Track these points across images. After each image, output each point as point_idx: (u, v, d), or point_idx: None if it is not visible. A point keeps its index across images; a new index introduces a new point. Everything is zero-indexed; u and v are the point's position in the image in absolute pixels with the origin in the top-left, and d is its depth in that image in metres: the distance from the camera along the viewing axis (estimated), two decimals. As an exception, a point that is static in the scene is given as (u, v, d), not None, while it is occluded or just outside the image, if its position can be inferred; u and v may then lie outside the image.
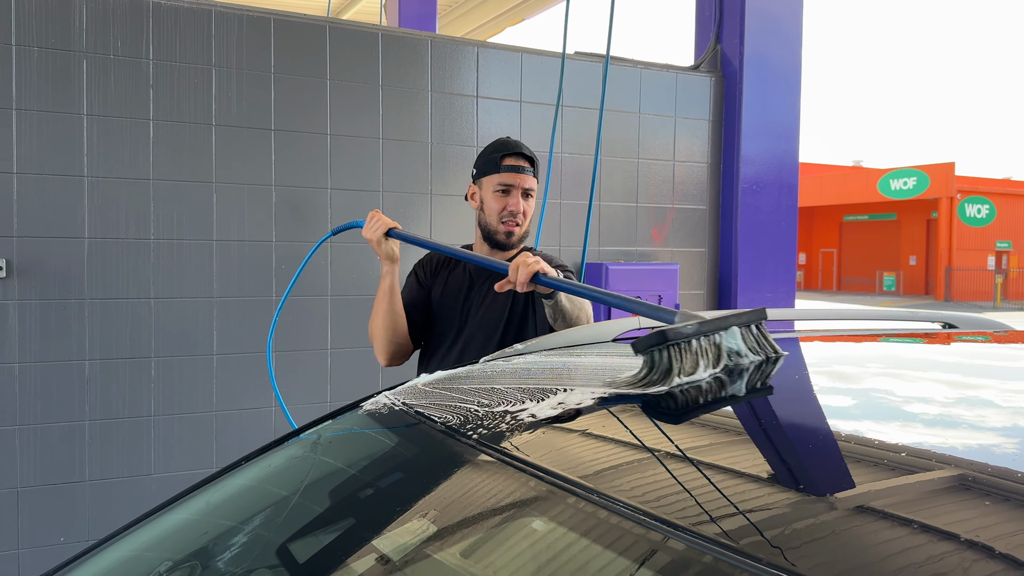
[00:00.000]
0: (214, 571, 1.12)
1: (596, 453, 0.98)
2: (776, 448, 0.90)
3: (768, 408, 0.98)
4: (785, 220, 3.80)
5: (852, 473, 0.82)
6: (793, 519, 0.73)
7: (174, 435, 2.82)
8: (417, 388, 1.40)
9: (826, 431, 0.91)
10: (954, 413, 0.91)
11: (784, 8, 3.76)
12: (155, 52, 2.75)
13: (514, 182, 2.13)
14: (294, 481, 1.24)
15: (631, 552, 0.78)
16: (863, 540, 0.69)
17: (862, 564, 0.65)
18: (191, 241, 2.82)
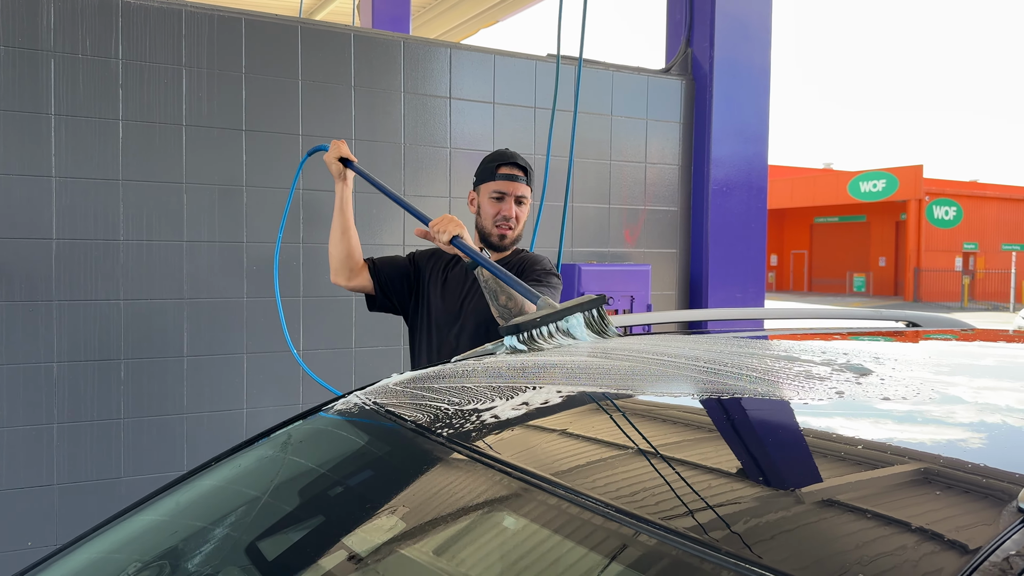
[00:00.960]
0: (183, 572, 1.12)
1: (563, 449, 1.00)
2: (741, 444, 0.92)
3: (735, 406, 1.00)
4: (755, 221, 3.85)
5: (813, 467, 0.84)
6: (755, 512, 0.75)
7: (144, 438, 2.80)
8: (388, 388, 1.41)
9: (792, 427, 0.93)
10: (916, 409, 0.94)
11: (753, 12, 3.81)
12: (124, 52, 2.73)
13: (507, 190, 2.32)
14: (263, 481, 1.24)
15: (598, 546, 0.79)
16: (827, 532, 0.71)
17: (827, 555, 0.68)
18: (161, 242, 2.80)
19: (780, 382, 1.04)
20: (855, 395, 0.97)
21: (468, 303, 2.32)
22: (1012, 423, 0.88)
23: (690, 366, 1.20)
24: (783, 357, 1.19)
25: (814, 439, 0.87)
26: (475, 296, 2.31)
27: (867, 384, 1.01)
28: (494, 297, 2.11)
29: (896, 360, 1.19)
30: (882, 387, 1.00)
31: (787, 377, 1.06)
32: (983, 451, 0.82)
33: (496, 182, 2.34)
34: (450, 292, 2.36)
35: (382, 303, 2.44)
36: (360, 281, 2.39)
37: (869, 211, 30.48)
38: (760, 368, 1.11)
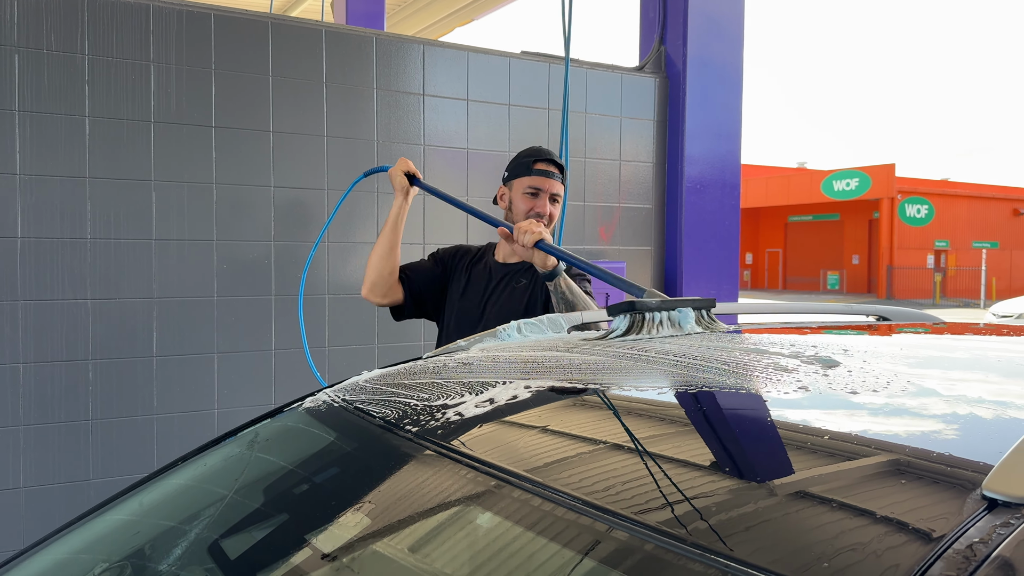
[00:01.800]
0: (148, 571, 1.10)
1: (531, 444, 0.99)
2: (706, 437, 0.91)
3: (702, 399, 1.00)
4: (728, 219, 3.87)
5: (778, 458, 0.84)
6: (720, 504, 0.75)
7: (113, 440, 2.75)
8: (358, 385, 1.39)
9: (757, 419, 0.93)
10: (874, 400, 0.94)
11: (725, 11, 3.83)
12: (91, 47, 2.68)
13: (543, 186, 2.30)
14: (229, 479, 1.22)
15: (563, 539, 0.78)
16: (791, 523, 0.71)
17: (791, 546, 0.67)
18: (129, 240, 2.76)
19: (748, 375, 1.04)
20: (821, 387, 0.97)
21: (490, 304, 2.31)
22: (977, 413, 0.89)
23: (660, 359, 1.20)
24: (752, 350, 1.19)
25: (779, 431, 0.87)
26: (497, 297, 2.30)
27: (834, 376, 1.01)
28: (569, 308, 2.08)
29: (865, 352, 1.19)
30: (849, 379, 1.00)
31: (755, 370, 1.05)
32: (948, 441, 0.82)
33: (532, 178, 2.30)
34: (472, 292, 2.35)
35: (410, 313, 2.42)
36: (392, 299, 2.37)
37: (842, 210, 30.81)
38: (729, 361, 1.11)
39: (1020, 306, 15.22)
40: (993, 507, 0.67)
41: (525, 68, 3.53)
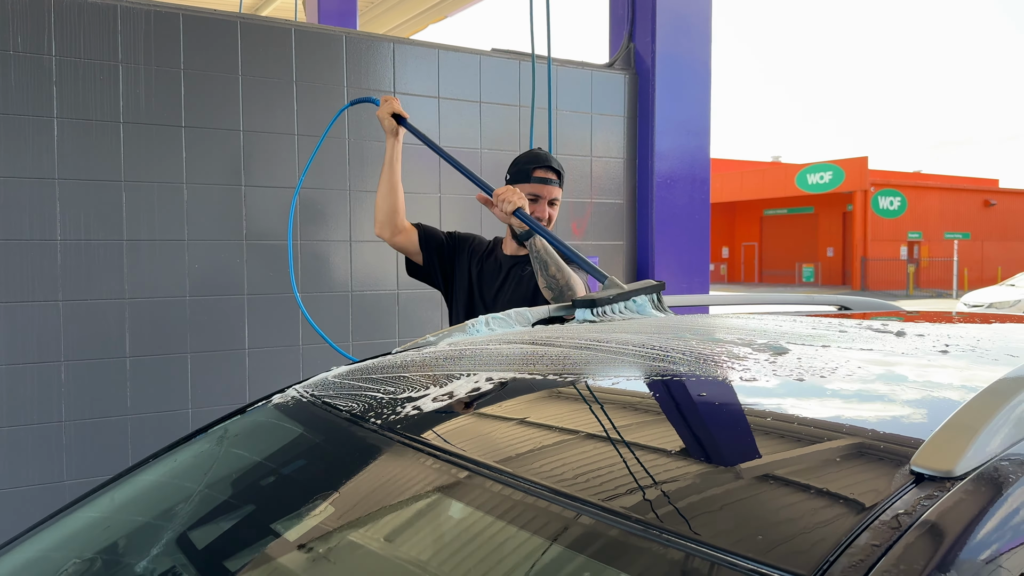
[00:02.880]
0: (121, 567, 1.12)
1: (490, 433, 1.02)
2: (659, 422, 0.95)
3: (656, 386, 1.03)
4: (698, 213, 3.92)
5: (720, 439, 0.87)
6: (664, 482, 0.78)
7: (87, 440, 2.75)
8: (327, 380, 1.42)
9: (707, 403, 0.97)
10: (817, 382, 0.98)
11: (694, 8, 3.87)
12: (58, 48, 2.67)
13: (542, 193, 2.47)
14: (200, 475, 1.24)
15: (524, 524, 0.82)
16: (727, 498, 0.74)
17: (726, 520, 0.71)
18: (100, 241, 2.75)
19: (702, 363, 1.07)
20: (769, 373, 1.01)
21: (501, 295, 2.46)
22: (914, 395, 0.93)
23: (618, 350, 1.23)
24: (708, 339, 1.23)
25: (725, 414, 0.91)
26: (508, 288, 2.46)
27: (782, 362, 1.05)
28: (544, 267, 2.26)
29: (815, 340, 1.23)
30: (797, 365, 1.04)
31: (708, 358, 1.09)
32: (885, 421, 0.86)
33: (532, 184, 2.47)
34: (485, 284, 2.51)
35: (425, 270, 2.60)
36: (403, 240, 2.56)
37: (817, 203, 31.11)
38: (684, 350, 1.14)
39: (990, 296, 15.48)
40: (920, 481, 0.71)
41: (496, 65, 3.56)
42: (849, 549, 0.63)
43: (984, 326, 1.47)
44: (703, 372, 1.03)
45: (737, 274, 34.67)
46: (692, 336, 1.28)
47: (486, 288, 2.51)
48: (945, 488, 0.69)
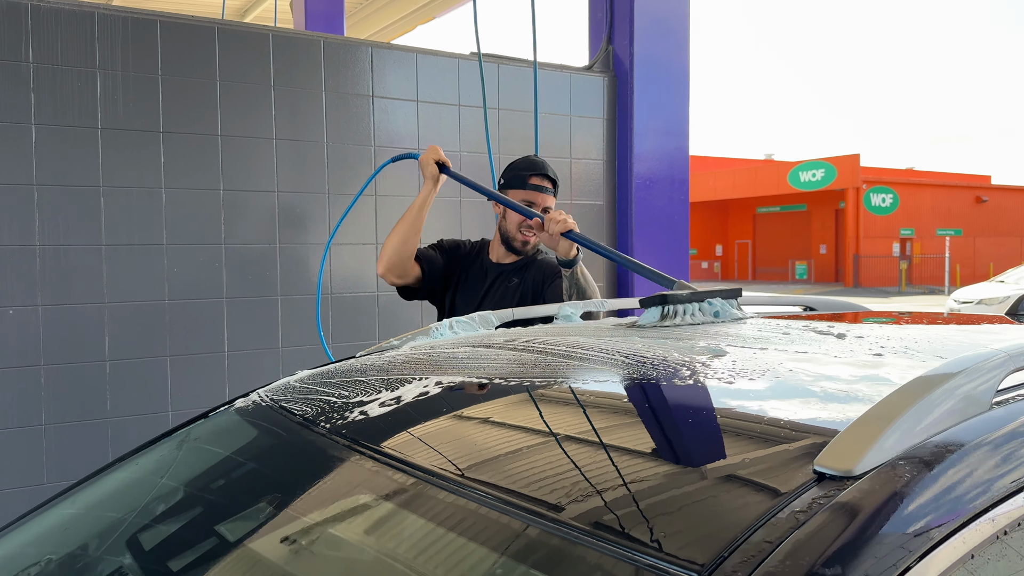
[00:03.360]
0: (76, 568, 1.15)
1: (434, 436, 1.05)
2: (593, 419, 0.98)
3: (593, 387, 1.07)
4: (677, 213, 3.96)
5: (638, 435, 0.91)
6: (591, 479, 0.82)
7: (67, 443, 2.78)
8: (289, 384, 1.45)
9: (638, 402, 1.00)
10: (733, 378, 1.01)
11: (672, 12, 3.91)
12: (35, 55, 2.70)
13: (536, 200, 2.48)
14: (157, 478, 1.27)
15: (452, 523, 0.85)
16: (637, 493, 0.77)
17: (631, 513, 0.74)
18: (79, 246, 2.78)
19: (640, 364, 1.11)
20: (701, 374, 1.04)
21: (486, 302, 2.48)
22: (832, 396, 0.96)
23: (568, 353, 1.26)
24: (650, 339, 1.26)
25: (644, 415, 0.94)
26: (493, 295, 2.48)
27: (717, 364, 1.08)
28: (580, 294, 2.27)
29: (758, 342, 1.27)
30: (731, 366, 1.07)
31: (647, 359, 1.12)
32: (799, 421, 0.89)
33: (527, 191, 2.47)
34: (470, 291, 2.53)
35: (421, 296, 2.60)
36: (407, 280, 2.53)
37: (809, 200, 31.19)
38: (625, 352, 1.18)
39: (979, 292, 15.53)
40: (821, 480, 0.74)
41: (474, 69, 3.59)
42: (743, 545, 0.67)
43: (931, 327, 1.50)
44: (635, 374, 1.06)
45: (731, 272, 34.75)
46: (640, 339, 1.31)
47: (470, 295, 2.53)
48: (843, 487, 0.73)
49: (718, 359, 1.12)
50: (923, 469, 0.75)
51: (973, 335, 1.37)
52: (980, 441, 0.82)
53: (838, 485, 0.73)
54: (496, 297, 2.47)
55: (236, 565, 0.94)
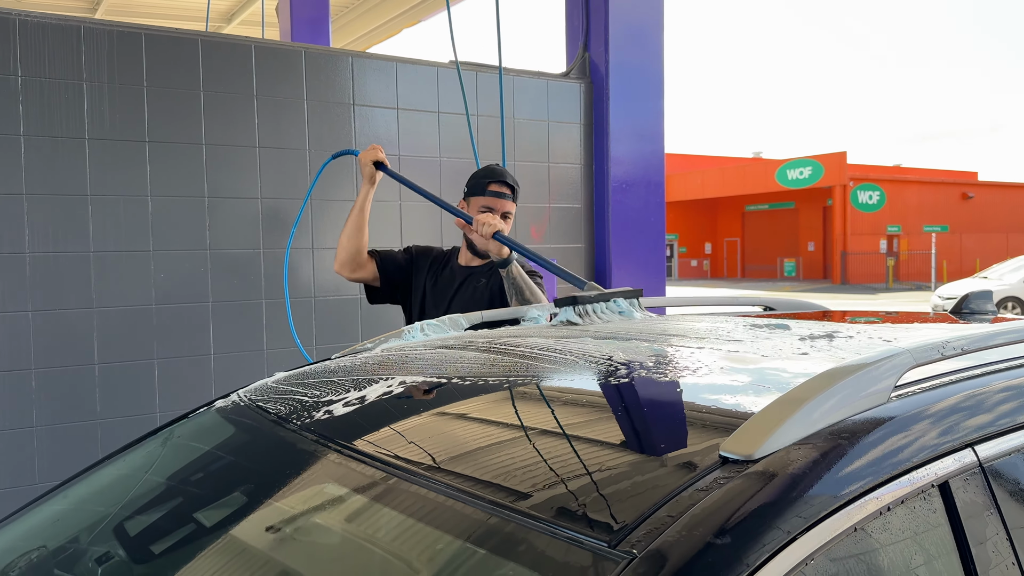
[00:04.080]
0: (63, 559, 1.24)
1: (403, 431, 1.15)
2: (538, 412, 1.08)
3: (538, 383, 1.17)
4: (653, 215, 4.06)
5: (569, 421, 1.01)
6: (528, 466, 0.92)
7: (58, 445, 2.86)
8: (267, 385, 1.54)
9: (579, 396, 1.10)
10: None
11: (646, 19, 4.01)
12: (23, 68, 2.78)
13: (495, 206, 2.59)
14: (142, 474, 1.37)
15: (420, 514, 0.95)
16: (556, 473, 0.87)
17: (546, 492, 0.84)
18: (68, 253, 2.86)
19: (588, 362, 1.21)
20: (637, 368, 1.14)
21: (455, 304, 2.58)
22: (749, 389, 1.07)
23: (523, 352, 1.36)
24: (606, 340, 1.36)
25: (579, 405, 1.04)
26: (461, 296, 2.58)
27: (651, 361, 1.19)
28: (519, 293, 2.40)
29: (698, 339, 1.37)
30: (664, 363, 1.18)
31: (589, 357, 1.23)
32: (715, 410, 1.00)
33: (485, 198, 2.60)
34: (439, 293, 2.63)
35: (385, 296, 2.73)
36: (362, 274, 2.69)
37: (797, 198, 31.39)
38: (575, 351, 1.28)
39: (963, 288, 15.71)
40: (725, 463, 0.85)
41: (453, 77, 3.68)
42: (649, 519, 0.77)
43: (867, 327, 1.61)
44: (576, 373, 1.16)
45: (720, 270, 34.94)
46: (592, 339, 1.41)
47: (440, 297, 2.64)
48: (742, 469, 0.83)
49: (653, 357, 1.22)
50: (816, 454, 0.86)
51: (901, 333, 1.47)
52: (874, 429, 0.92)
53: (739, 468, 0.83)
54: (465, 298, 2.58)
55: (215, 551, 1.03)
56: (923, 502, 0.89)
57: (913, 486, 0.89)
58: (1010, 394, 1.09)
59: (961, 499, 0.92)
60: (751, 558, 0.73)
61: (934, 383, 1.06)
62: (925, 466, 0.92)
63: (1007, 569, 0.91)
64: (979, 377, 1.10)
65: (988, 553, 0.90)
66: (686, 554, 0.72)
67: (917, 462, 0.91)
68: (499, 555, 0.79)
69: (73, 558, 1.16)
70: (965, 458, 0.96)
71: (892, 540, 0.84)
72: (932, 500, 0.90)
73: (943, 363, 1.09)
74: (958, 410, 1.01)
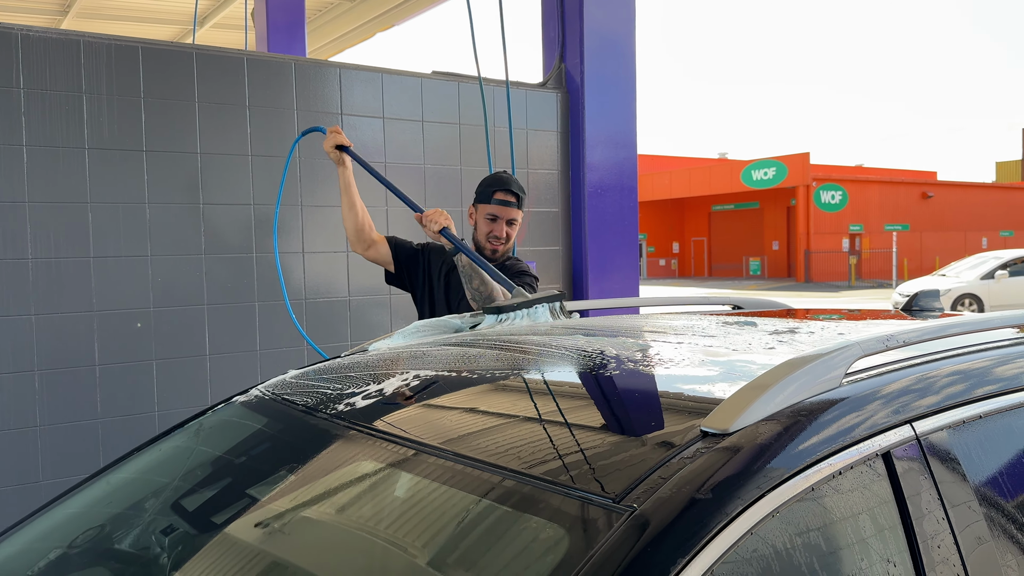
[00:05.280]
0: (110, 551, 1.38)
1: (421, 417, 1.31)
2: (517, 400, 1.25)
3: (508, 374, 1.33)
4: (627, 219, 4.26)
5: (552, 405, 1.18)
6: (539, 443, 1.09)
7: (61, 443, 2.97)
8: (285, 381, 1.70)
9: (550, 380, 1.27)
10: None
11: (619, 32, 4.20)
12: (26, 81, 2.89)
13: (500, 214, 2.78)
14: (183, 461, 1.51)
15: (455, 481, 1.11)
16: (548, 448, 1.04)
17: (540, 462, 1.01)
18: (69, 259, 2.98)
19: (550, 354, 1.38)
20: (629, 361, 1.32)
21: (465, 303, 2.72)
22: (725, 375, 1.25)
23: (525, 348, 1.53)
24: (570, 331, 1.54)
25: (585, 387, 1.21)
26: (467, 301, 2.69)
27: (641, 352, 1.36)
28: (468, 280, 2.57)
29: (678, 333, 1.55)
30: (654, 352, 1.35)
31: (560, 349, 1.40)
32: (697, 393, 1.17)
33: (491, 205, 2.77)
34: (452, 292, 2.79)
35: (398, 278, 2.88)
36: (375, 253, 2.84)
37: (762, 198, 31.94)
38: (548, 344, 1.45)
39: (922, 286, 16.21)
40: (705, 436, 1.02)
41: (436, 87, 3.84)
42: (646, 480, 0.94)
43: (825, 323, 1.80)
44: (572, 364, 1.34)
45: (687, 269, 35.42)
46: (584, 336, 1.58)
47: (452, 294, 2.81)
48: (719, 441, 1.00)
49: (643, 348, 1.40)
50: (780, 428, 1.04)
51: (854, 328, 1.67)
52: (828, 408, 1.10)
53: (716, 440, 1.01)
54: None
55: (256, 522, 1.19)
56: (868, 468, 1.08)
57: (861, 455, 1.07)
58: (944, 380, 1.28)
59: (901, 466, 1.11)
60: (728, 509, 0.91)
61: (880, 371, 1.24)
62: (871, 439, 1.10)
63: (938, 522, 1.10)
64: (918, 365, 1.29)
65: (922, 509, 1.08)
66: (677, 507, 0.90)
67: (863, 435, 1.09)
68: (524, 511, 0.96)
69: (137, 535, 1.30)
70: (904, 433, 1.14)
71: (842, 497, 1.03)
72: (876, 466, 1.08)
73: (888, 353, 1.28)
74: (899, 393, 1.20)
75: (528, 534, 0.95)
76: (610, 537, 0.88)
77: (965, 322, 1.48)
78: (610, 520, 0.89)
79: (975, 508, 1.14)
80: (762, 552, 0.92)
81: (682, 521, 0.89)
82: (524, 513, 0.96)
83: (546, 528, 0.94)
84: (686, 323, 1.74)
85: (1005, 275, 16.11)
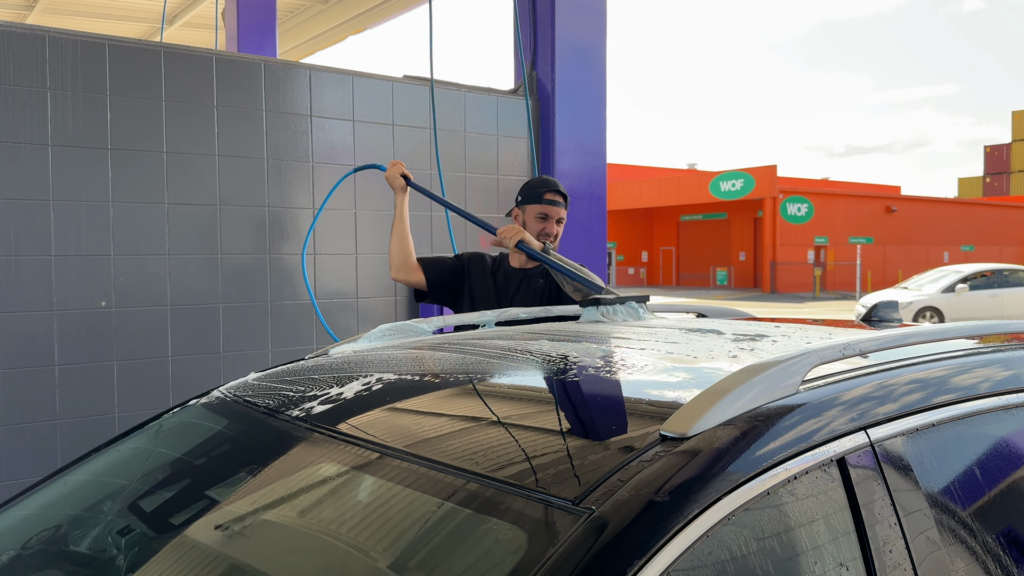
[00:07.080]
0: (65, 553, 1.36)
1: (384, 420, 1.31)
2: (489, 400, 1.26)
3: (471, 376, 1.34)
4: (596, 226, 4.28)
5: (515, 407, 1.19)
6: (500, 446, 1.09)
7: (17, 444, 2.92)
8: (248, 383, 1.68)
9: (517, 383, 1.28)
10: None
11: (590, 41, 4.24)
12: (-13, 75, 2.84)
13: (551, 213, 2.90)
14: (141, 463, 1.49)
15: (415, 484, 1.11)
16: (525, 448, 1.05)
17: (513, 463, 1.01)
18: (29, 256, 2.92)
19: (514, 358, 1.39)
20: (590, 366, 1.33)
21: (516, 304, 2.79)
22: (687, 381, 1.26)
23: (487, 352, 1.54)
24: (557, 336, 1.55)
25: (549, 390, 1.22)
26: (521, 297, 2.81)
27: (607, 358, 1.37)
28: (564, 282, 2.68)
29: (640, 340, 1.56)
30: (612, 359, 1.36)
31: (523, 354, 1.41)
32: (658, 398, 1.19)
33: (542, 205, 2.89)
34: (500, 293, 2.84)
35: (434, 298, 2.94)
36: (415, 279, 2.91)
37: (729, 209, 32.30)
38: (535, 351, 1.46)
39: (885, 298, 16.51)
40: (664, 440, 1.03)
41: (407, 91, 3.84)
42: (604, 483, 0.95)
43: (787, 331, 1.83)
44: (545, 367, 1.34)
45: (656, 278, 35.69)
46: (549, 340, 1.59)
47: (501, 299, 2.85)
48: (677, 445, 1.02)
49: (605, 353, 1.41)
50: (737, 432, 1.05)
51: (813, 336, 1.70)
52: (785, 414, 1.12)
53: (675, 444, 1.02)
54: (524, 299, 2.81)
55: (216, 523, 1.18)
56: (823, 473, 1.10)
57: (816, 460, 1.09)
58: (899, 389, 1.30)
59: (855, 472, 1.13)
60: (686, 512, 0.92)
61: (836, 378, 1.27)
62: (826, 445, 1.12)
63: (891, 527, 1.12)
64: (873, 374, 1.32)
65: (875, 514, 1.11)
66: (634, 509, 0.91)
67: (819, 441, 1.11)
68: (484, 513, 0.96)
69: (94, 537, 1.28)
70: (859, 439, 1.17)
71: (798, 501, 1.04)
72: (831, 471, 1.10)
73: (844, 362, 1.30)
74: (854, 400, 1.22)
75: (488, 536, 0.96)
76: (568, 539, 0.88)
77: (921, 332, 1.51)
78: (569, 522, 0.90)
79: (927, 514, 1.17)
80: (718, 555, 0.94)
81: (640, 523, 0.90)
82: (484, 515, 0.96)
83: (505, 530, 0.94)
84: (649, 330, 1.75)
85: (965, 289, 16.44)
